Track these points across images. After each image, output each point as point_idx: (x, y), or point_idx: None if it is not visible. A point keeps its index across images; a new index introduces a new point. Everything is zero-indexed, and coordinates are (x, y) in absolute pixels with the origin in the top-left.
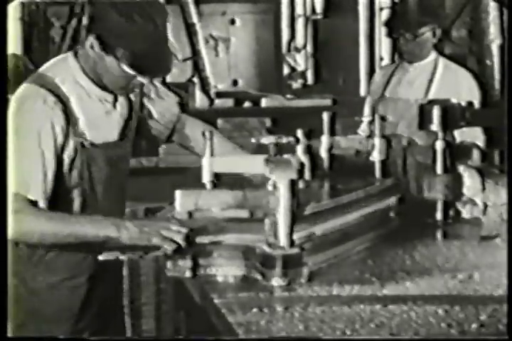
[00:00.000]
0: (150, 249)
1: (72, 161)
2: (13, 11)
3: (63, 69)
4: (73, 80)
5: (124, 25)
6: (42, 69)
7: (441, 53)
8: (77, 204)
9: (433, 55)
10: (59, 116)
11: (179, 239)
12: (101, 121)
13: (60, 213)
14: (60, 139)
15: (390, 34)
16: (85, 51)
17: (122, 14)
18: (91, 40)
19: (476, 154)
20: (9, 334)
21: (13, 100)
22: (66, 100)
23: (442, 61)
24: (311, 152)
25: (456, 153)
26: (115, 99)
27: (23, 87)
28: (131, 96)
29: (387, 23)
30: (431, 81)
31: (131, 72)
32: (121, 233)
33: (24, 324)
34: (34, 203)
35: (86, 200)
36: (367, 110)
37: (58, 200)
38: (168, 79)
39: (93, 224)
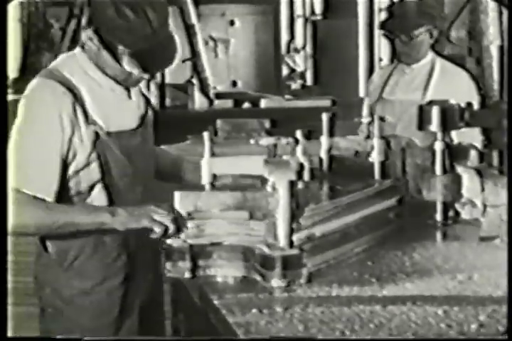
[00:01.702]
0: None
1: (89, 155)
2: (12, 13)
3: (72, 62)
4: (82, 72)
5: (120, 21)
6: (51, 65)
7: (439, 54)
8: (103, 199)
9: (430, 55)
10: (68, 106)
11: (167, 222)
12: (116, 110)
13: (55, 203)
14: (68, 130)
15: (386, 36)
16: (88, 43)
17: (119, 10)
18: (89, 32)
19: (474, 155)
20: (9, 334)
21: (24, 95)
22: (77, 91)
23: (440, 62)
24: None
25: (456, 154)
26: (128, 90)
27: (33, 82)
28: (142, 87)
29: (383, 25)
30: (428, 82)
31: (128, 68)
32: (113, 219)
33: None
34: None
35: (111, 194)
36: (365, 111)
37: (73, 198)
38: (168, 80)
39: (88, 212)
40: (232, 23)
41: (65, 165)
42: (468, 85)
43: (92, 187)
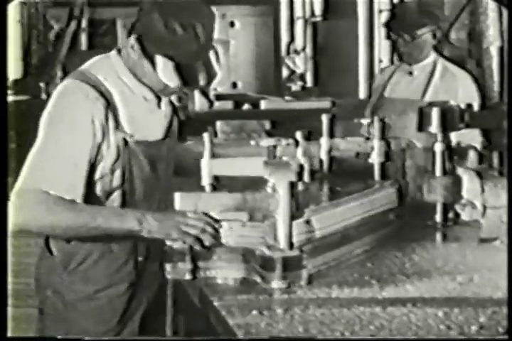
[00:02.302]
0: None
1: (115, 162)
2: (12, 13)
3: (106, 66)
4: (116, 77)
5: (167, 34)
6: (84, 66)
7: (441, 55)
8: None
9: (432, 56)
10: (100, 111)
11: (197, 232)
12: (145, 119)
13: (83, 205)
14: (99, 135)
15: (388, 35)
16: (127, 50)
17: (167, 24)
18: (132, 40)
19: (473, 156)
20: (9, 334)
21: (54, 95)
22: (109, 96)
23: (441, 62)
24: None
25: (456, 155)
26: (159, 99)
27: (65, 83)
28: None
29: (387, 25)
30: (429, 82)
31: (166, 80)
32: (142, 227)
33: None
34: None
35: (125, 202)
36: (368, 112)
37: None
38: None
39: (117, 217)
40: (232, 24)
41: (91, 169)
42: (469, 87)
43: (110, 194)
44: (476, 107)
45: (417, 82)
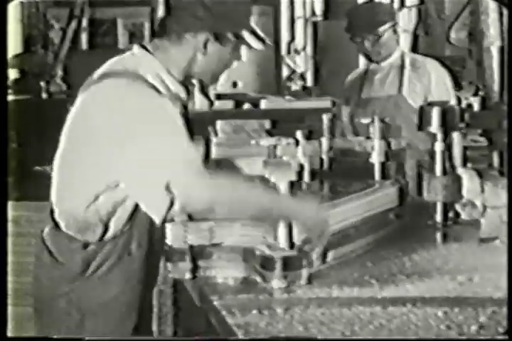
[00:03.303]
0: None
1: None
2: (12, 13)
3: (145, 64)
4: (156, 75)
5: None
6: (125, 65)
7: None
8: None
9: (398, 51)
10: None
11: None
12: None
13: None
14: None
15: (352, 39)
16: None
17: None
18: (208, 35)
19: (474, 156)
20: (9, 334)
21: (110, 96)
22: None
23: (408, 55)
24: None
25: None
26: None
27: (116, 83)
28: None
29: (347, 29)
30: (402, 75)
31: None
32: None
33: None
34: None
35: None
36: (345, 118)
37: None
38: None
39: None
40: None
41: None
42: (440, 71)
43: None
44: (452, 94)
45: (390, 78)
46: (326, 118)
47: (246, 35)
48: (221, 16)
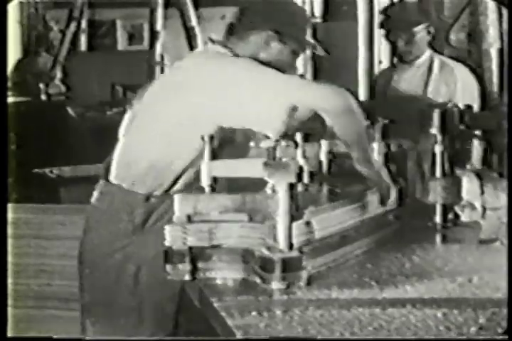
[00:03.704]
0: None
1: None
2: (12, 14)
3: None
4: None
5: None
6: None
7: (435, 50)
8: None
9: (428, 52)
10: None
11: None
12: None
13: None
14: None
15: (387, 37)
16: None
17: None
18: (270, 33)
19: (474, 157)
20: (9, 334)
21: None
22: None
23: (438, 58)
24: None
25: (455, 156)
26: None
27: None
28: None
29: (382, 26)
30: (429, 77)
31: None
32: None
33: None
34: None
35: None
36: (372, 113)
37: None
38: None
39: None
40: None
41: None
42: (467, 78)
43: None
44: (477, 100)
45: (417, 79)
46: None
47: (309, 38)
48: (286, 18)
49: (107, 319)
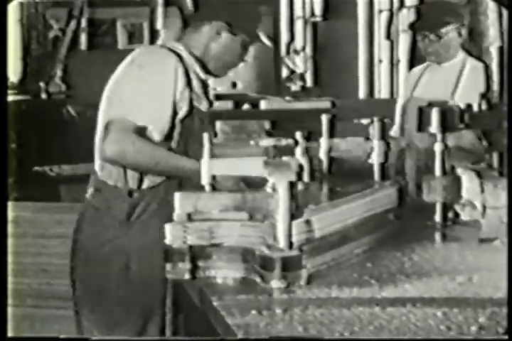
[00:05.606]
0: None
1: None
2: (12, 14)
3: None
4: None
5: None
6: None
7: (470, 54)
8: None
9: (461, 55)
10: (182, 74)
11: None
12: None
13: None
14: (178, 94)
15: (414, 36)
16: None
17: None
18: (221, 24)
19: (473, 158)
20: (9, 334)
21: (139, 54)
22: (187, 67)
23: (470, 61)
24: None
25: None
26: None
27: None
28: None
29: (411, 26)
30: (458, 81)
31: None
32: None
33: None
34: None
35: None
36: (398, 112)
37: None
38: None
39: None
40: None
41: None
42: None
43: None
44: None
45: (446, 82)
46: (325, 118)
47: (259, 31)
48: (237, 9)
49: (99, 307)
